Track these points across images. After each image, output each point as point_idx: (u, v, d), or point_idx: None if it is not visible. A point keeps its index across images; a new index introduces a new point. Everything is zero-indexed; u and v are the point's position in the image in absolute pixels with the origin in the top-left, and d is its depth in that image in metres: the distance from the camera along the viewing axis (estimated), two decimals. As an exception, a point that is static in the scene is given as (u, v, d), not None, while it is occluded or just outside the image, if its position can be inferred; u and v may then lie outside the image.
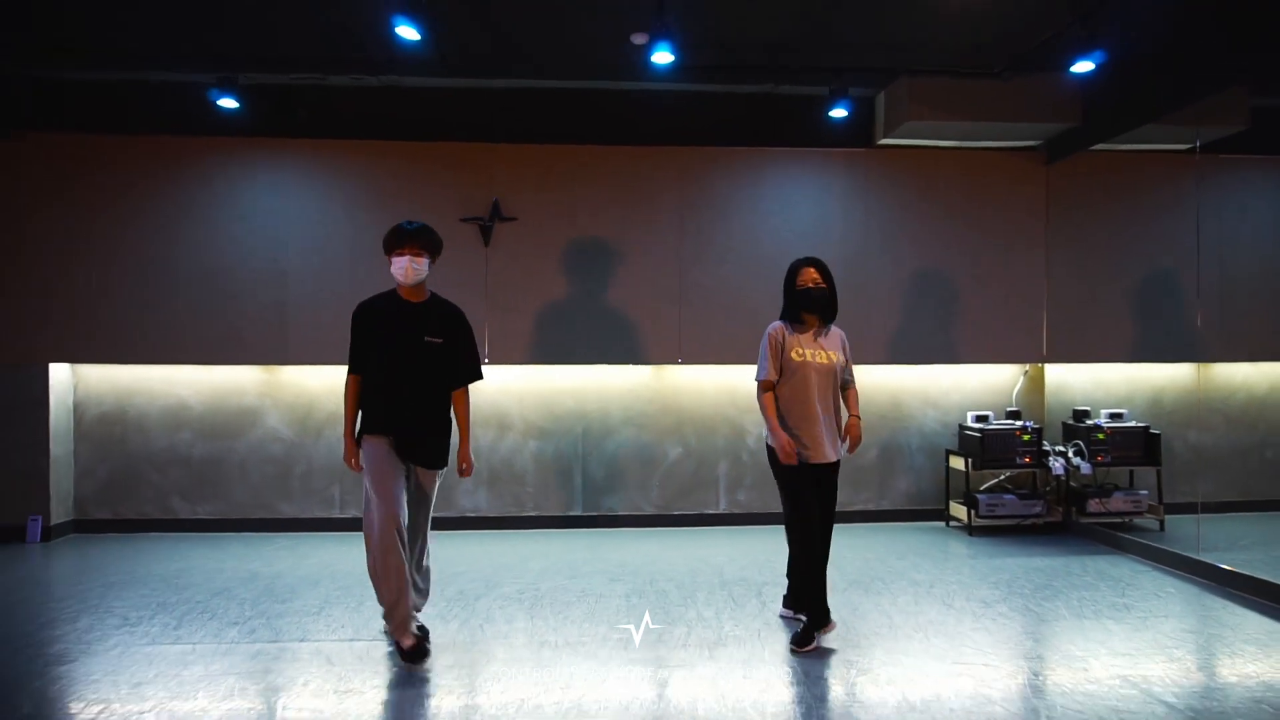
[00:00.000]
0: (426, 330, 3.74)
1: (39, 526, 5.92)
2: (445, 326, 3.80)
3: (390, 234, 3.75)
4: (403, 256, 3.69)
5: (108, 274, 5.96)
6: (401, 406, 3.68)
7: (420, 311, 3.77)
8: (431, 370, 3.75)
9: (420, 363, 3.72)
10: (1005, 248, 6.47)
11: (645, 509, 6.41)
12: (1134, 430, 6.27)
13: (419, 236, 3.74)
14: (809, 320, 3.96)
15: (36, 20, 5.16)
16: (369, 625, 4.11)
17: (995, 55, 5.68)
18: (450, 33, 5.21)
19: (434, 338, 3.75)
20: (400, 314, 3.75)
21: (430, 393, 3.76)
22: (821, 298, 3.91)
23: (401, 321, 3.73)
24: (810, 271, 3.93)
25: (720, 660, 3.67)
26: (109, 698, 3.26)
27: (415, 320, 3.74)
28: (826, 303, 3.94)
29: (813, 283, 3.91)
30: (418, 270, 3.72)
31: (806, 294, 3.91)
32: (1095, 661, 3.64)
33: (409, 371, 3.70)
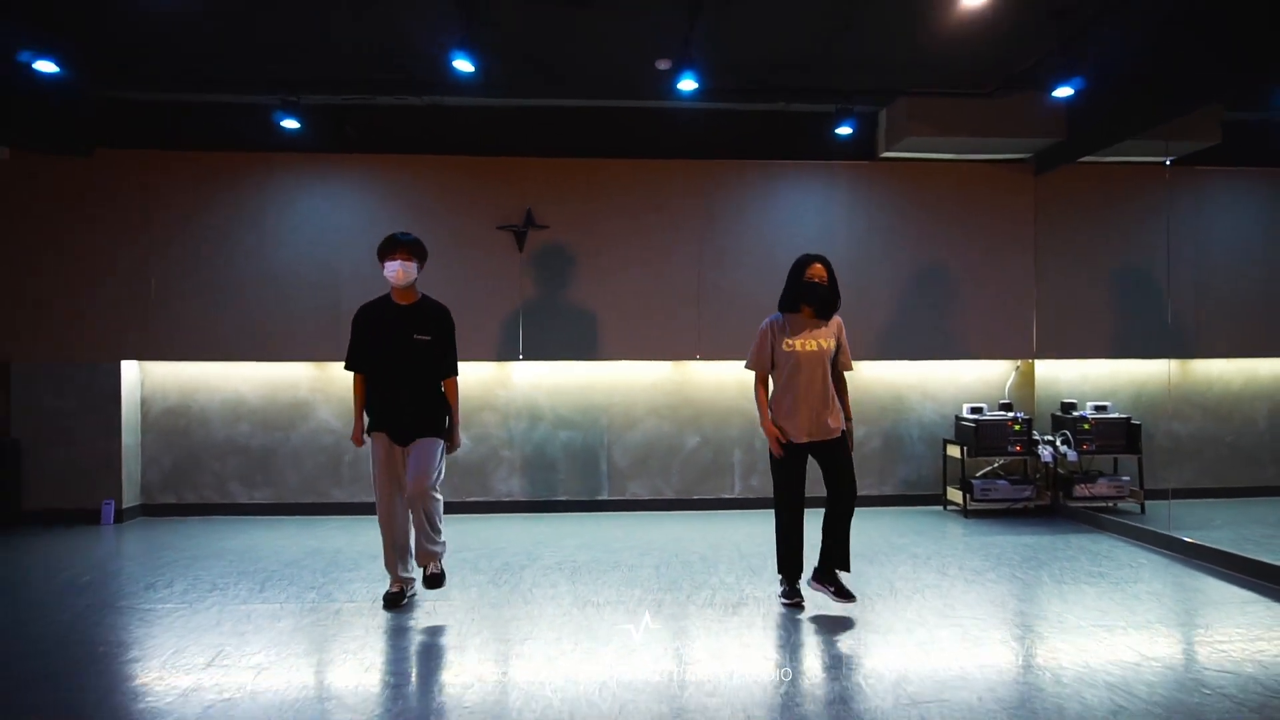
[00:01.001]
0: (415, 329, 4.26)
1: (112, 510, 6.47)
2: (432, 325, 4.31)
3: (384, 242, 4.29)
4: (395, 260, 4.23)
5: (174, 279, 6.52)
6: (396, 397, 4.23)
7: (409, 312, 4.30)
8: (420, 363, 4.27)
9: (410, 358, 4.25)
10: (997, 252, 7.00)
11: (666, 493, 6.95)
12: (1117, 421, 6.80)
13: (409, 244, 4.28)
14: (805, 311, 4.29)
15: (115, 47, 5.71)
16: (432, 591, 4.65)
17: (986, 77, 6.23)
18: (494, 60, 5.75)
19: (422, 335, 4.27)
20: (393, 316, 4.29)
21: (421, 382, 4.28)
22: (824, 294, 4.22)
23: (394, 322, 4.27)
24: (818, 268, 4.23)
25: (742, 615, 4.20)
26: (220, 644, 3.80)
27: (405, 320, 4.27)
28: (827, 299, 4.25)
29: (818, 278, 4.22)
30: (408, 273, 4.24)
31: (811, 288, 4.22)
32: (1070, 616, 4.17)
33: (401, 366, 4.24)
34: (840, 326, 4.37)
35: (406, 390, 4.26)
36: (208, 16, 5.16)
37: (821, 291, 4.24)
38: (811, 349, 4.23)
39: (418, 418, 4.27)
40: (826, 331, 4.29)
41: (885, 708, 3.10)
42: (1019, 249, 7.02)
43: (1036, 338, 7.01)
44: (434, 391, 4.35)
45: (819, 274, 4.24)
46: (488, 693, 3.24)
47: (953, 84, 6.35)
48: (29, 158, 6.41)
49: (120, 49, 5.74)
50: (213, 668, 3.50)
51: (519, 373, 6.90)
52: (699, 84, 5.53)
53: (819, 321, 4.31)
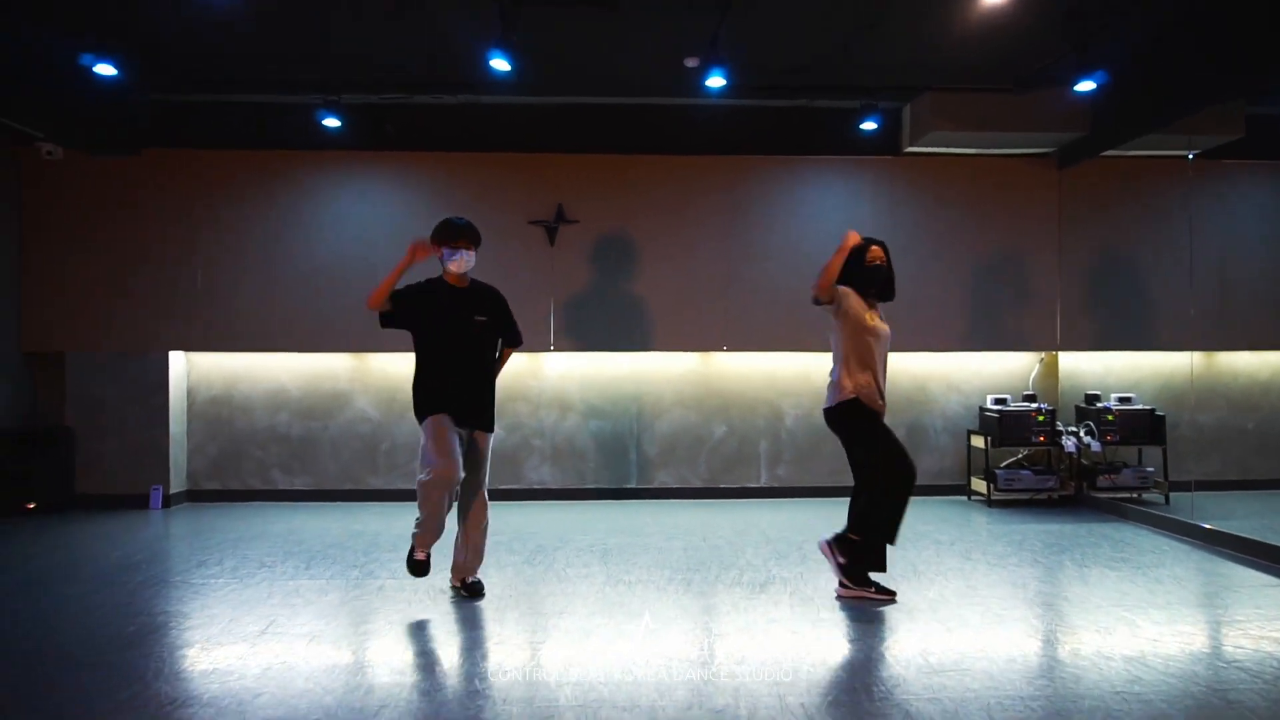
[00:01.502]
0: (474, 310, 4.23)
1: (160, 495, 6.73)
2: (488, 305, 4.31)
3: (445, 228, 4.19)
4: (459, 250, 4.17)
5: (219, 274, 6.76)
6: (458, 380, 4.16)
7: (466, 295, 4.26)
8: (480, 346, 4.27)
9: (471, 341, 4.22)
10: (1021, 245, 7.08)
11: (693, 482, 7.10)
12: (1141, 412, 6.85)
13: (470, 232, 4.22)
14: (868, 295, 4.29)
15: (165, 51, 5.96)
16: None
17: (1009, 73, 6.31)
18: (528, 60, 5.93)
19: (481, 316, 4.26)
20: (451, 299, 4.23)
21: (480, 365, 4.26)
22: (887, 275, 4.28)
23: (450, 305, 4.21)
24: (877, 250, 4.26)
25: (769, 593, 4.35)
26: (272, 615, 4.00)
27: (464, 304, 4.22)
28: (888, 281, 4.31)
29: (880, 260, 4.26)
30: (469, 261, 4.20)
31: (876, 270, 4.24)
32: (1092, 598, 4.28)
33: (461, 348, 4.20)
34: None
35: (466, 374, 4.21)
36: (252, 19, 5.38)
37: (885, 273, 4.28)
38: (884, 328, 4.29)
39: (478, 403, 4.24)
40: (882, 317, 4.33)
41: (908, 675, 3.23)
42: (1042, 242, 7.09)
43: (1060, 330, 7.08)
44: (491, 376, 4.35)
45: (879, 256, 4.27)
46: (525, 661, 3.41)
47: (975, 80, 6.44)
48: (81, 157, 6.68)
49: (169, 53, 5.98)
50: (267, 635, 3.70)
51: (550, 364, 7.07)
52: (727, 81, 5.67)
53: (878, 308, 4.35)
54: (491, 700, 3.03)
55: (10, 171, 6.63)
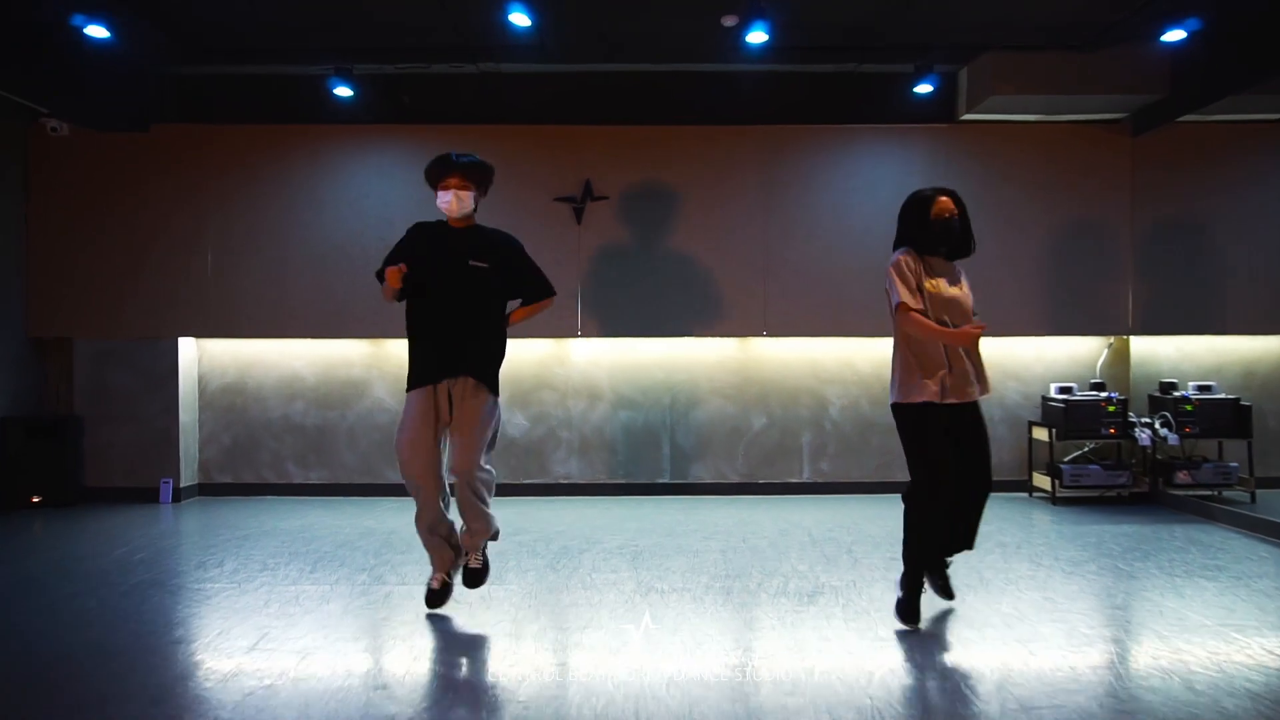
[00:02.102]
0: (471, 254, 3.58)
1: (170, 488, 6.41)
2: (492, 251, 3.63)
3: (434, 164, 3.57)
4: (448, 190, 3.54)
5: (230, 255, 6.41)
6: (443, 331, 3.56)
7: (466, 235, 3.64)
8: (475, 293, 3.59)
9: (464, 286, 3.57)
10: (1089, 221, 6.49)
11: (731, 477, 6.63)
12: (1223, 402, 6.25)
13: (465, 167, 3.56)
14: (936, 258, 3.58)
15: (172, 22, 5.59)
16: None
17: (1082, 28, 5.72)
18: (550, 19, 5.47)
19: (479, 261, 3.58)
20: (446, 238, 3.64)
21: (474, 316, 3.59)
22: (959, 229, 3.51)
23: (445, 245, 3.62)
24: (946, 201, 3.51)
25: (819, 605, 3.87)
26: (266, 626, 3.62)
27: (460, 244, 3.61)
28: (962, 237, 3.54)
29: (950, 213, 3.50)
30: (463, 204, 3.56)
31: (946, 226, 3.49)
32: (1191, 614, 3.74)
33: (451, 295, 3.58)
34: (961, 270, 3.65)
35: (456, 324, 3.56)
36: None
37: (957, 228, 3.51)
38: (955, 293, 3.51)
39: (466, 353, 3.55)
40: (960, 277, 3.60)
41: (992, 713, 2.74)
42: (1113, 217, 6.48)
43: (1132, 312, 6.48)
44: (491, 330, 3.64)
45: (949, 209, 3.51)
46: (545, 685, 2.98)
47: (1043, 37, 5.86)
48: (87, 134, 6.36)
49: (178, 23, 5.62)
50: (256, 651, 3.31)
51: (577, 350, 6.63)
52: (769, 37, 5.16)
53: (949, 266, 3.61)
54: (501, 737, 2.60)
55: (14, 149, 6.32)
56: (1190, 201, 6.48)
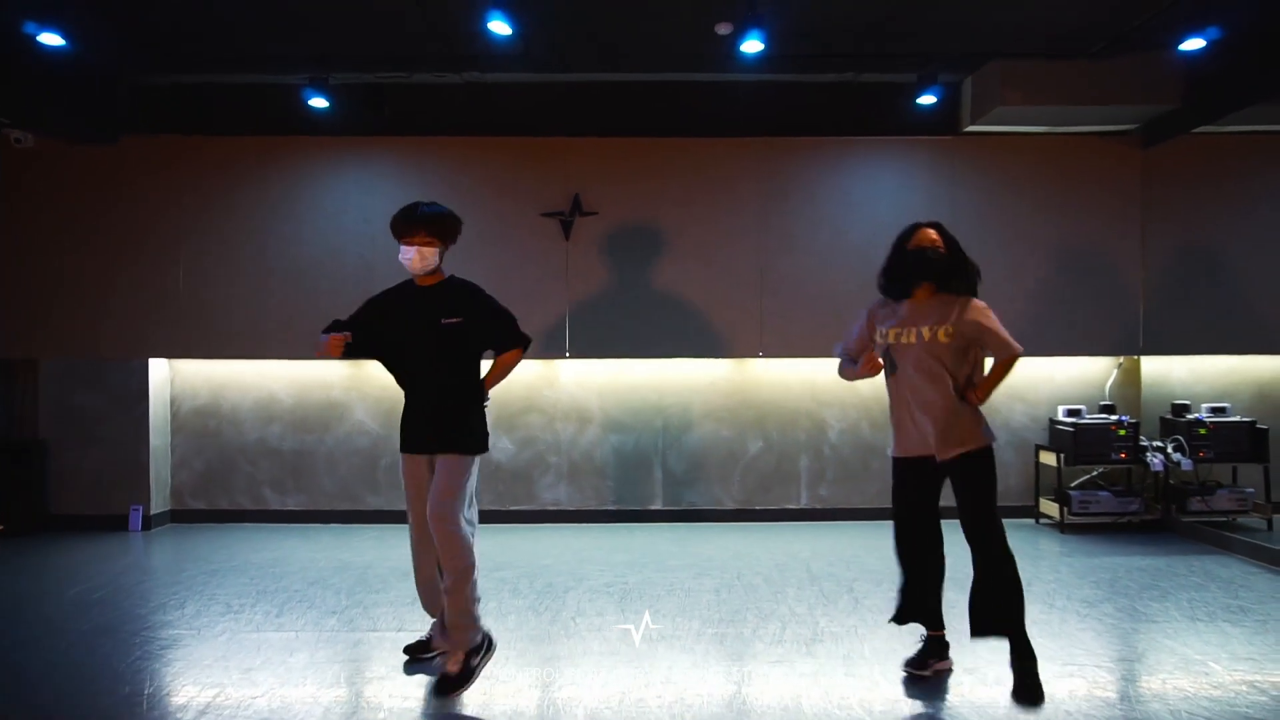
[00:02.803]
0: (443, 312, 3.43)
1: (140, 515, 6.13)
2: (462, 305, 3.47)
3: (398, 217, 3.43)
4: (411, 246, 3.40)
5: (203, 272, 6.14)
6: (422, 397, 3.48)
7: (435, 293, 3.49)
8: (451, 352, 3.46)
9: (439, 346, 3.44)
10: (1098, 236, 6.24)
11: (726, 503, 6.37)
12: (1238, 425, 6.00)
13: (429, 221, 3.40)
14: (920, 293, 3.35)
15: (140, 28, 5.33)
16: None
17: (1092, 35, 5.47)
18: (536, 26, 5.22)
19: (451, 319, 3.43)
20: (415, 298, 3.50)
21: (451, 377, 3.47)
22: (939, 261, 3.29)
23: (416, 306, 3.48)
24: (928, 232, 3.34)
25: (819, 656, 3.61)
26: (222, 682, 3.35)
27: (430, 302, 3.46)
28: (944, 268, 3.30)
29: (929, 243, 3.31)
30: (426, 260, 3.41)
31: (921, 255, 3.30)
32: (1216, 665, 3.49)
33: (428, 356, 3.45)
34: (972, 310, 3.33)
35: (434, 386, 3.45)
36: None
37: (936, 260, 3.28)
38: (909, 341, 3.30)
39: (444, 423, 3.43)
40: (943, 315, 3.29)
41: (1010, 798, 2.48)
42: (1123, 232, 6.23)
43: (1143, 332, 6.22)
44: (466, 389, 3.50)
45: (930, 239, 3.32)
46: (518, 759, 2.71)
47: (1051, 46, 5.61)
48: (54, 145, 6.09)
49: (145, 29, 5.36)
50: (207, 716, 3.04)
51: (566, 372, 6.37)
52: (764, 45, 4.91)
53: (941, 300, 3.34)
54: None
55: (-23, 162, 6.06)
56: (1203, 216, 6.23)
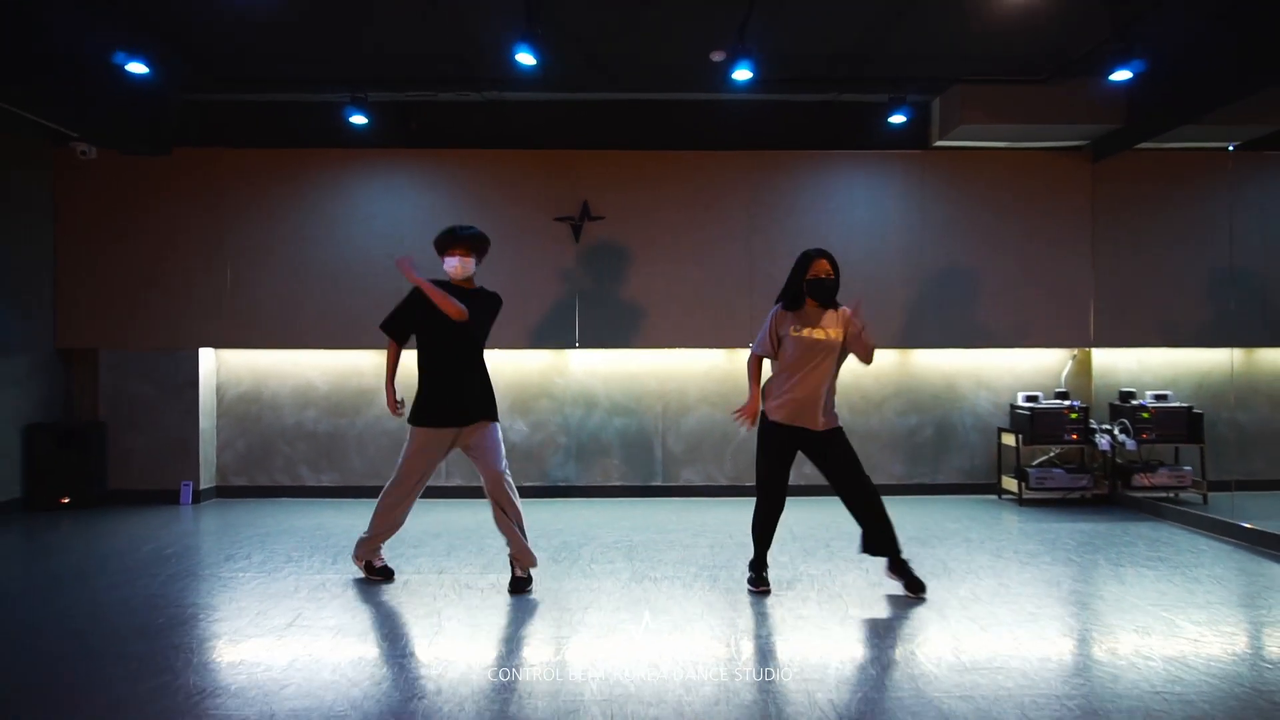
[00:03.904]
0: (474, 310, 4.27)
1: (190, 490, 6.79)
2: (486, 305, 4.36)
3: (442, 236, 4.34)
4: (453, 257, 4.30)
5: (247, 270, 6.82)
6: (458, 379, 4.27)
7: (468, 296, 4.33)
8: (473, 342, 4.31)
9: (462, 339, 4.27)
10: (1054, 240, 6.95)
11: (719, 480, 7.05)
12: (1178, 410, 6.70)
13: (468, 240, 4.32)
14: (810, 305, 4.28)
15: (196, 51, 6.02)
16: (496, 562, 4.82)
17: (1042, 63, 6.20)
18: (551, 54, 5.92)
19: (481, 315, 4.33)
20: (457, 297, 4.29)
21: (475, 359, 4.33)
22: (832, 288, 4.24)
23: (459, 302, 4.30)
24: (823, 264, 4.24)
25: (797, 590, 4.29)
26: (300, 608, 4.01)
27: (465, 302, 4.26)
28: (833, 292, 4.27)
29: (825, 274, 4.22)
30: (466, 268, 4.32)
31: (820, 284, 4.23)
32: (1129, 597, 4.18)
33: (460, 345, 4.28)
34: (850, 315, 4.28)
35: (462, 373, 4.30)
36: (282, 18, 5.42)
37: (830, 286, 4.26)
38: (820, 337, 4.23)
39: (480, 397, 4.32)
40: (833, 321, 4.27)
41: (940, 673, 3.17)
42: (1076, 237, 6.96)
43: (1094, 326, 6.95)
44: (487, 374, 4.39)
45: (825, 270, 4.25)
46: (551, 657, 3.39)
47: (1008, 71, 6.34)
48: (114, 156, 6.76)
49: (200, 51, 6.04)
50: (294, 628, 3.71)
51: (575, 361, 7.06)
52: (753, 74, 5.62)
53: (825, 312, 4.30)
54: (517, 694, 3.01)
55: (43, 170, 6.72)
56: (1147, 222, 6.95)
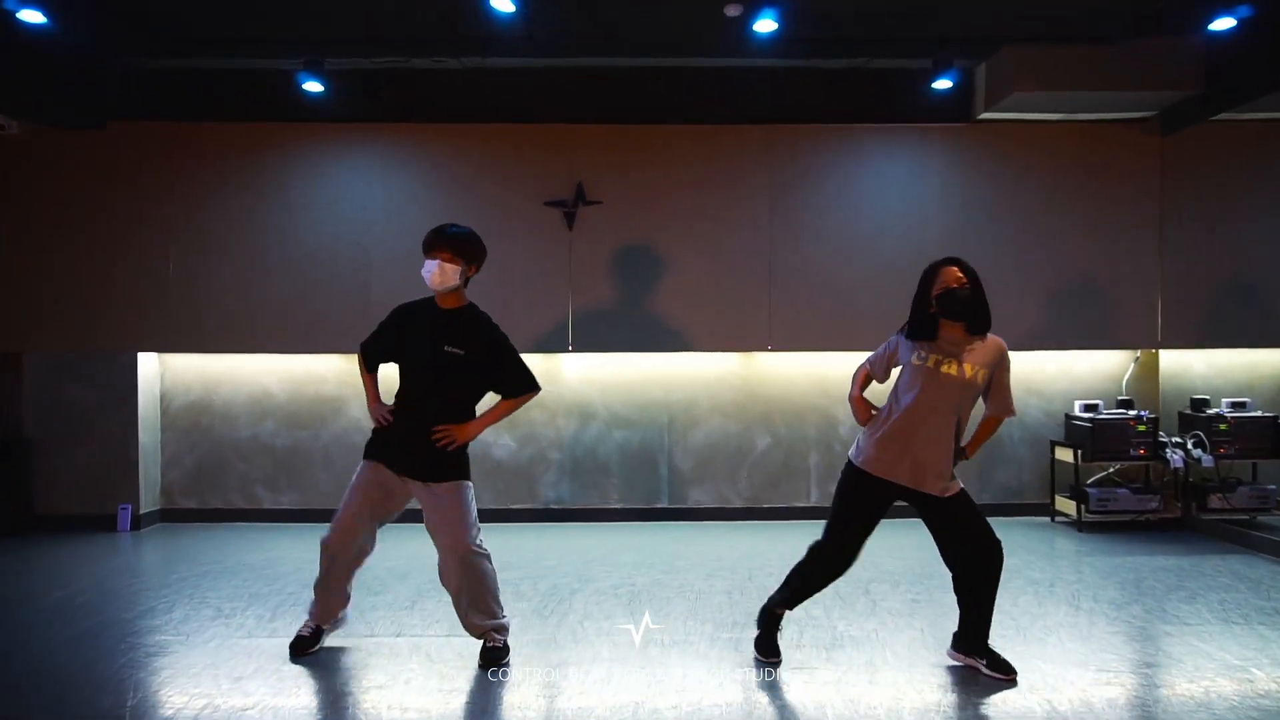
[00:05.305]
0: (447, 339, 3.44)
1: (129, 515, 5.94)
2: (470, 338, 3.47)
3: (429, 233, 3.49)
4: (433, 259, 3.41)
5: (195, 261, 5.95)
6: (410, 418, 3.45)
7: (447, 319, 3.49)
8: (447, 381, 3.45)
9: (436, 372, 3.44)
10: (1116, 226, 6.07)
11: (734, 501, 6.20)
12: (1260, 420, 5.84)
13: (453, 240, 3.43)
14: (948, 331, 3.30)
15: (125, 10, 5.14)
16: (466, 619, 3.97)
17: (1110, 19, 5.31)
18: (538, 8, 5.03)
19: (455, 348, 3.42)
20: (428, 320, 3.51)
21: (444, 404, 3.45)
22: (967, 299, 3.24)
23: (427, 328, 3.49)
24: (953, 270, 3.29)
25: (840, 663, 3.44)
26: (211, 692, 3.17)
27: (439, 327, 3.47)
28: (972, 306, 3.26)
29: (956, 281, 3.25)
30: (444, 276, 3.41)
31: (951, 296, 3.23)
32: (1259, 671, 3.32)
33: (425, 380, 3.47)
34: (1004, 352, 3.34)
35: (428, 411, 3.42)
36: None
37: (965, 297, 3.24)
38: (951, 372, 3.22)
39: (433, 451, 3.38)
40: (980, 358, 3.27)
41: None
42: (1141, 222, 6.07)
43: (1162, 324, 6.06)
44: (457, 416, 3.47)
45: (956, 277, 3.27)
46: (528, 776, 2.53)
47: (1068, 30, 5.44)
48: (39, 132, 5.89)
49: (133, 9, 5.17)
50: (195, 728, 2.86)
51: (569, 366, 6.18)
52: (779, 25, 4.72)
53: (973, 341, 3.30)
54: None
55: (-43, 149, 5.86)
56: (1222, 206, 6.07)
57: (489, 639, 3.46)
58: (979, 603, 3.33)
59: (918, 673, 3.33)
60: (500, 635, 3.48)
